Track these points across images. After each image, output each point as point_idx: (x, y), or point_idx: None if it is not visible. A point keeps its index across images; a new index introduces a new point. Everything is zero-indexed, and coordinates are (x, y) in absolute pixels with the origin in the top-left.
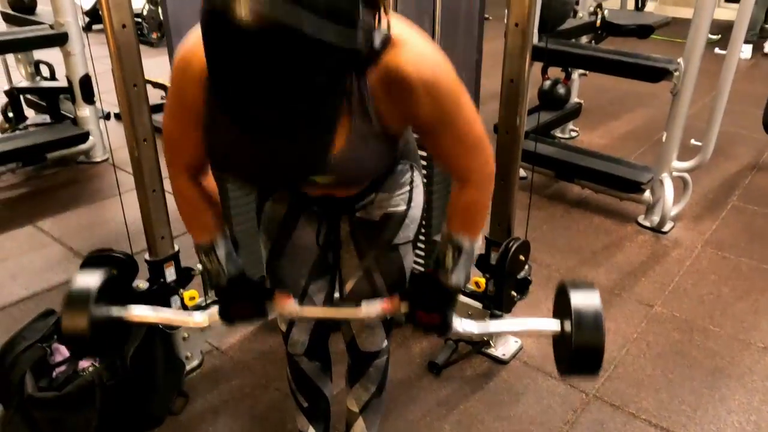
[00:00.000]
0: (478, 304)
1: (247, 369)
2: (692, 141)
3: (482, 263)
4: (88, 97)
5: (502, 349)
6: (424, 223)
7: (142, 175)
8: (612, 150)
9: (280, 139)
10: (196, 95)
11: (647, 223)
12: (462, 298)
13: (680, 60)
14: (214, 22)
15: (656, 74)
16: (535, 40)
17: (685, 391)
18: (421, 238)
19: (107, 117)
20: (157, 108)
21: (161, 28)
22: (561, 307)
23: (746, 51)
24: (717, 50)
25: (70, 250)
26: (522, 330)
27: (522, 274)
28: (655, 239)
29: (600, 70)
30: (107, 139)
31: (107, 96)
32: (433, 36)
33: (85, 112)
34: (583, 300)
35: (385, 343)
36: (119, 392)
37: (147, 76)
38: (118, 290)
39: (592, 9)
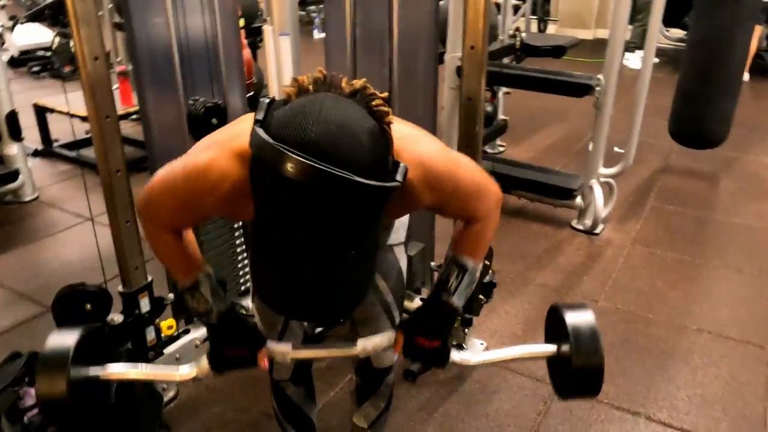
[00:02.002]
0: None
1: (225, 395)
2: (615, 149)
3: None
4: (16, 134)
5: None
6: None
7: (115, 207)
8: (538, 162)
9: (327, 272)
10: (215, 204)
11: (580, 227)
12: None
13: (600, 76)
14: (266, 172)
15: (581, 90)
16: None
17: (638, 375)
18: None
19: (35, 154)
20: (84, 142)
21: (72, 61)
22: (555, 330)
23: (635, 60)
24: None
25: (14, 293)
26: (519, 356)
27: (487, 279)
28: (590, 241)
29: (531, 88)
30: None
31: (27, 132)
32: (390, 60)
33: (12, 149)
34: (578, 321)
35: (395, 356)
36: (103, 428)
37: (73, 110)
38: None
39: (511, 32)
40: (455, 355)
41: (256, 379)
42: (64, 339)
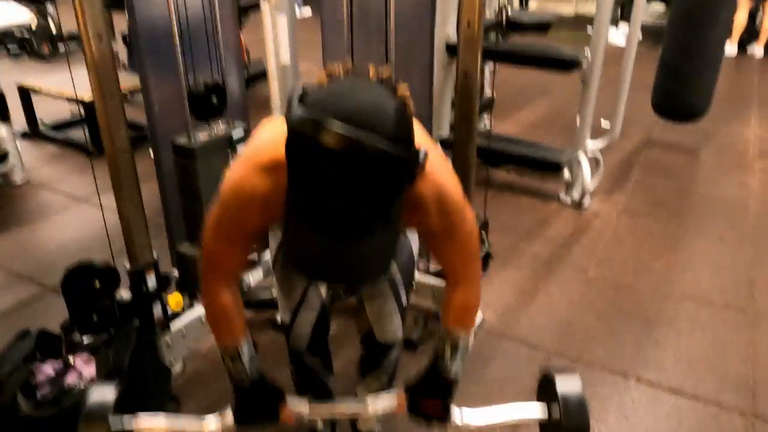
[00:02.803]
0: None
1: None
2: (602, 121)
3: None
4: (3, 116)
5: None
6: None
7: (122, 186)
8: (525, 137)
9: (357, 241)
10: (255, 218)
11: (568, 200)
12: (429, 279)
13: (587, 51)
14: (304, 144)
15: (569, 65)
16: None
17: (627, 339)
18: None
19: (24, 136)
20: (71, 123)
21: (52, 41)
22: (546, 392)
23: (616, 36)
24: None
25: (13, 274)
26: (515, 420)
27: (483, 251)
28: (577, 213)
29: (521, 63)
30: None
31: (11, 114)
32: (387, 37)
33: (1, 131)
34: (568, 387)
35: (400, 333)
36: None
37: (64, 92)
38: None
39: (497, 9)
40: (456, 414)
41: (268, 354)
42: (103, 393)
